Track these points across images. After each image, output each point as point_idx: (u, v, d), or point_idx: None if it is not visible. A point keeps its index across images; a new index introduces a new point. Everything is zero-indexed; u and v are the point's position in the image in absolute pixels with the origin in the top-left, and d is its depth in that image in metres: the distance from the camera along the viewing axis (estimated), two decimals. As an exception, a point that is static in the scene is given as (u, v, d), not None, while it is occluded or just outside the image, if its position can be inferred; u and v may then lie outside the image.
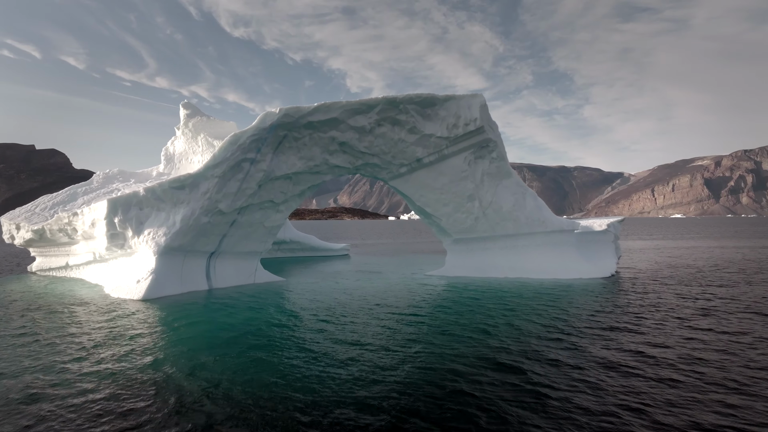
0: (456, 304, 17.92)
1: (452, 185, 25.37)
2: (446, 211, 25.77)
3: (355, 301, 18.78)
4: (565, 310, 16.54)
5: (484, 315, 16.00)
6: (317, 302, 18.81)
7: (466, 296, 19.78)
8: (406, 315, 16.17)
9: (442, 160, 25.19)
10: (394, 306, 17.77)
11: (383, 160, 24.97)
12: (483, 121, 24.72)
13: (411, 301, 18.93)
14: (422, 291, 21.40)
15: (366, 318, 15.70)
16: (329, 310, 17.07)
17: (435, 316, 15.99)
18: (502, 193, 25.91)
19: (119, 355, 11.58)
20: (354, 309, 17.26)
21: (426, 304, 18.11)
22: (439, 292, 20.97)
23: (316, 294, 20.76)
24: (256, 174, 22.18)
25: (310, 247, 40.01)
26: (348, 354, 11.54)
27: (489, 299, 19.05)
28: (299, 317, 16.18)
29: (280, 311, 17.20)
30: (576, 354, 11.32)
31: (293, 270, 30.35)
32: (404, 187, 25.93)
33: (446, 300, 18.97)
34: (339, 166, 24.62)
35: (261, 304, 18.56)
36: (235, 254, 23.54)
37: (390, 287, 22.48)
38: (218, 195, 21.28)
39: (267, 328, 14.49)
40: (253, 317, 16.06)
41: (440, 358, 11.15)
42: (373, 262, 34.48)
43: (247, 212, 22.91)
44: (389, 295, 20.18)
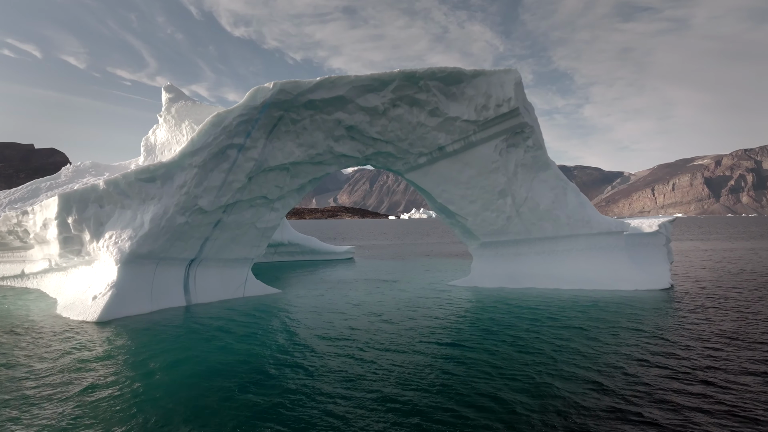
0: (491, 327, 13.86)
1: (480, 178, 21.31)
2: (473, 210, 21.70)
3: (370, 324, 14.72)
4: (626, 338, 12.64)
5: (530, 343, 11.92)
6: (323, 324, 14.76)
7: (501, 315, 15.73)
8: (434, 344, 12.12)
9: (469, 148, 21.13)
10: (417, 330, 13.72)
11: (398, 148, 20.89)
12: (518, 101, 20.67)
13: (437, 322, 14.88)
14: (448, 307, 17.33)
15: (387, 350, 11.66)
16: (338, 337, 13.02)
17: (471, 346, 11.93)
18: (539, 187, 21.85)
19: (42, 418, 7.51)
20: (370, 335, 13.21)
21: (456, 328, 14.06)
22: (468, 309, 16.91)
23: (320, 311, 16.70)
24: (246, 164, 18.10)
25: (311, 250, 35.95)
26: (370, 406, 7.53)
27: (529, 319, 15.06)
28: (301, 344, 12.16)
29: (276, 337, 13.17)
30: (668, 411, 7.27)
31: (292, 278, 26.26)
32: (423, 181, 21.86)
33: (479, 320, 14.92)
34: (346, 155, 20.54)
35: (252, 326, 14.50)
36: (220, 262, 19.45)
37: (409, 302, 18.41)
38: (198, 189, 17.20)
39: (260, 364, 10.50)
40: (242, 348, 12.03)
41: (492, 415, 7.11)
42: (383, 268, 30.41)
43: (234, 210, 18.83)
44: (409, 314, 16.11)
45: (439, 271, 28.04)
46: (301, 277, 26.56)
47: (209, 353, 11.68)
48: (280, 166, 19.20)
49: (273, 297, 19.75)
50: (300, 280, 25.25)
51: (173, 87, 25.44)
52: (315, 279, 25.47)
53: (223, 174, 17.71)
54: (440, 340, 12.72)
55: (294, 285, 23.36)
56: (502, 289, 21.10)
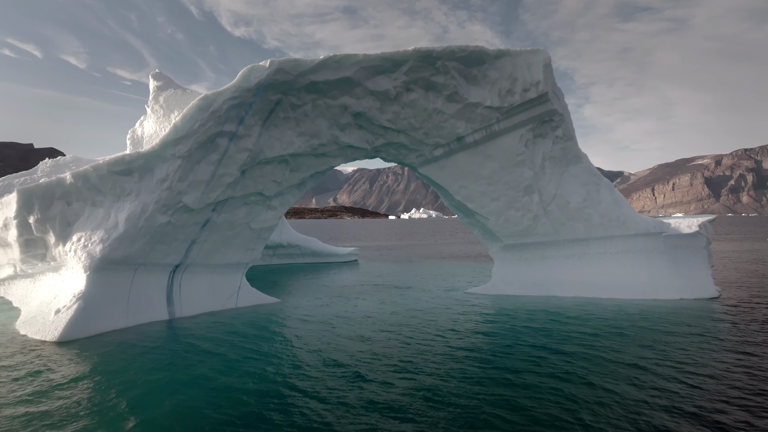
0: (519, 345, 11.46)
1: (504, 173, 18.92)
2: (495, 208, 19.30)
3: (385, 343, 12.32)
4: (685, 362, 10.24)
5: (568, 367, 9.52)
6: (329, 342, 12.37)
7: (528, 330, 13.33)
8: (459, 370, 9.69)
9: (491, 138, 18.73)
10: (440, 353, 11.29)
11: (412, 138, 18.48)
12: (547, 85, 18.29)
13: (460, 340, 12.47)
14: (470, 321, 14.93)
15: (408, 378, 9.24)
16: (349, 362, 10.61)
17: (498, 369, 9.51)
18: (570, 183, 19.46)
19: None
20: (386, 358, 10.80)
21: (481, 347, 11.66)
22: (492, 322, 14.52)
23: (325, 326, 14.30)
24: (238, 155, 15.69)
25: (312, 252, 33.53)
26: None
27: (562, 336, 12.68)
28: (304, 370, 9.76)
29: (274, 361, 10.77)
30: None
31: (291, 284, 23.84)
32: (439, 176, 19.45)
33: (505, 336, 12.52)
34: (352, 146, 18.13)
35: (246, 346, 12.09)
36: (209, 268, 17.03)
37: (426, 315, 16.00)
38: (182, 184, 14.79)
39: (255, 399, 8.06)
40: (232, 379, 9.59)
41: None
42: (390, 272, 27.99)
43: (225, 209, 16.42)
44: (429, 330, 13.70)
45: (454, 275, 25.62)
46: (301, 282, 24.15)
47: (192, 385, 9.27)
48: (278, 158, 16.78)
49: (270, 308, 17.33)
50: (300, 286, 22.83)
51: (162, 74, 22.95)
52: (317, 285, 23.06)
53: (211, 166, 15.30)
54: (466, 363, 10.33)
55: (294, 292, 20.95)
56: (528, 298, 18.70)
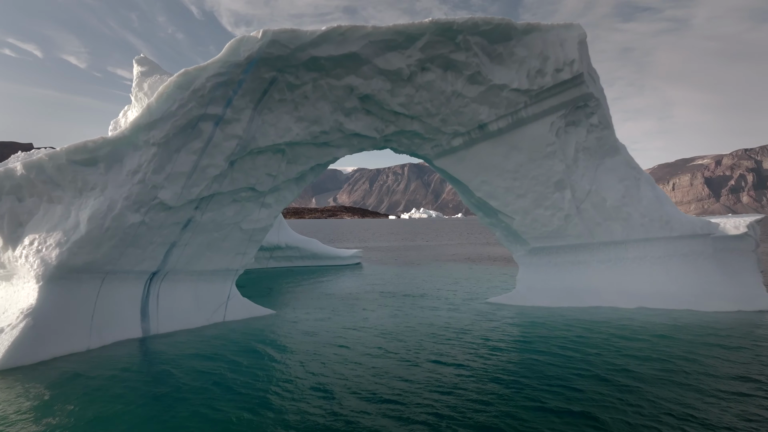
0: (553, 368, 9.05)
1: (532, 166, 16.56)
2: (521, 206, 16.93)
3: (403, 368, 9.94)
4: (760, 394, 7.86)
5: (616, 396, 7.15)
6: (336, 367, 9.99)
7: (561, 348, 10.94)
8: (492, 404, 7.31)
9: (518, 126, 16.38)
10: (468, 383, 8.91)
11: (427, 126, 16.11)
12: (582, 65, 15.94)
13: (490, 365, 10.08)
14: (498, 337, 12.56)
15: (436, 413, 6.87)
16: (362, 396, 8.21)
17: (546, 414, 7.14)
18: (606, 177, 17.11)
19: None
20: (409, 392, 8.42)
21: (518, 371, 9.25)
22: (525, 341, 12.14)
23: (329, 346, 11.93)
24: (225, 143, 13.31)
25: (312, 254, 31.15)
26: None
27: (603, 356, 10.30)
28: (309, 406, 7.35)
29: (270, 397, 8.37)
30: None
31: (289, 291, 21.44)
32: (457, 170, 17.07)
33: (542, 361, 10.12)
34: (359, 134, 15.75)
35: (235, 373, 9.71)
36: (192, 275, 14.64)
37: (444, 329, 13.61)
38: (158, 176, 12.41)
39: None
40: (218, 423, 7.22)
41: None
42: (398, 277, 25.59)
43: (211, 206, 14.04)
44: (451, 351, 11.32)
45: (470, 281, 23.21)
46: (300, 289, 21.75)
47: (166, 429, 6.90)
48: (273, 148, 14.40)
49: (264, 322, 14.94)
50: (299, 293, 20.43)
51: (146, 59, 20.49)
52: (318, 292, 20.66)
53: (193, 156, 12.91)
54: (497, 393, 7.94)
55: (292, 301, 18.55)
56: (559, 310, 16.32)
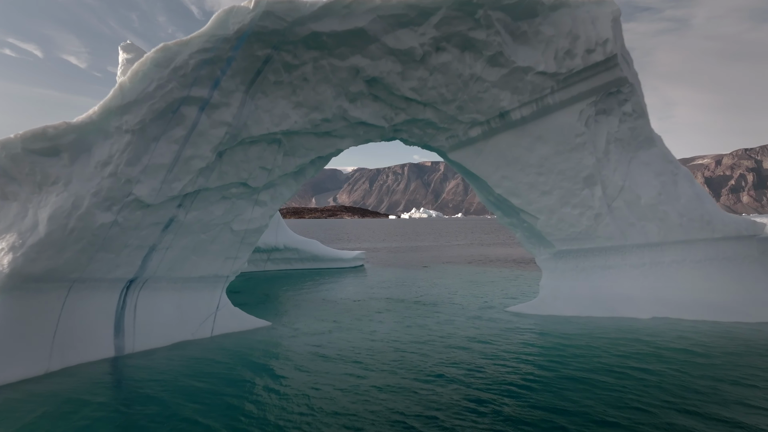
0: (585, 393, 7.24)
1: (558, 159, 14.81)
2: (546, 204, 15.16)
3: (425, 393, 8.13)
4: None
5: None
6: (345, 393, 8.18)
7: (594, 368, 9.13)
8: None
9: (544, 115, 14.63)
10: (501, 409, 7.13)
11: (442, 114, 14.34)
12: (616, 45, 14.19)
13: (524, 390, 8.27)
14: (525, 354, 10.77)
15: None
16: (374, 424, 6.44)
17: None
18: (640, 172, 15.35)
19: None
20: (429, 415, 6.65)
21: (554, 401, 7.45)
22: (556, 359, 10.34)
23: (335, 364, 10.15)
24: (213, 131, 11.53)
25: (313, 256, 29.37)
26: None
27: (652, 378, 8.45)
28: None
29: (267, 419, 6.62)
30: None
31: (287, 298, 19.66)
32: (474, 163, 15.29)
33: (578, 385, 8.32)
34: (365, 123, 13.97)
35: (222, 400, 7.91)
36: (176, 283, 12.84)
37: (463, 345, 11.81)
38: (133, 169, 10.64)
39: None
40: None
41: None
42: (405, 281, 23.80)
43: (197, 204, 12.26)
44: (473, 368, 9.52)
45: (485, 286, 21.36)
46: (300, 295, 19.96)
47: None
48: (268, 137, 12.62)
49: (258, 336, 13.14)
50: (299, 300, 18.64)
51: (133, 45, 18.68)
52: (320, 299, 18.87)
53: (175, 146, 11.13)
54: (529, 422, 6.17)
55: (290, 310, 16.76)
56: (589, 321, 14.54)
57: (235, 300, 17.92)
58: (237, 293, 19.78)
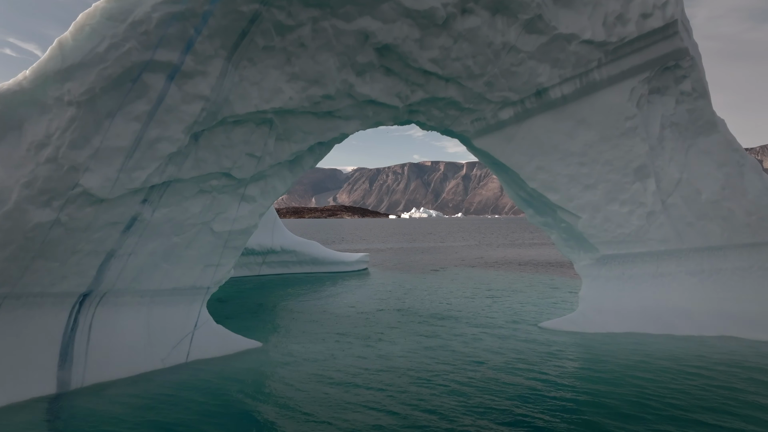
0: None
1: (605, 147, 12.43)
2: (589, 200, 12.77)
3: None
4: None
5: None
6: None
7: (648, 400, 6.79)
8: None
9: (588, 93, 12.24)
10: None
11: (468, 91, 11.94)
12: (677, 10, 11.82)
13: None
14: (568, 382, 8.37)
15: None
16: None
17: None
18: (700, 163, 12.96)
19: None
20: None
21: None
22: (606, 391, 7.95)
23: (340, 400, 7.76)
24: (185, 106, 9.11)
25: (312, 259, 26.97)
26: None
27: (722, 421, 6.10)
28: None
29: None
30: None
31: (283, 308, 17.25)
32: (504, 151, 12.89)
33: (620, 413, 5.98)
34: (375, 102, 11.56)
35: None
36: (142, 297, 10.42)
37: (495, 374, 9.41)
38: (79, 153, 8.24)
39: None
40: None
41: None
42: (415, 288, 21.40)
43: (167, 199, 9.85)
44: (508, 401, 7.14)
45: (508, 295, 18.86)
46: (298, 304, 17.55)
47: None
48: (256, 117, 10.22)
49: (245, 361, 10.73)
50: (296, 312, 16.23)
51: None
52: (319, 310, 16.46)
53: (135, 124, 8.72)
54: None
55: (285, 325, 14.36)
56: (641, 339, 12.16)
57: (222, 311, 15.55)
58: (224, 303, 17.38)
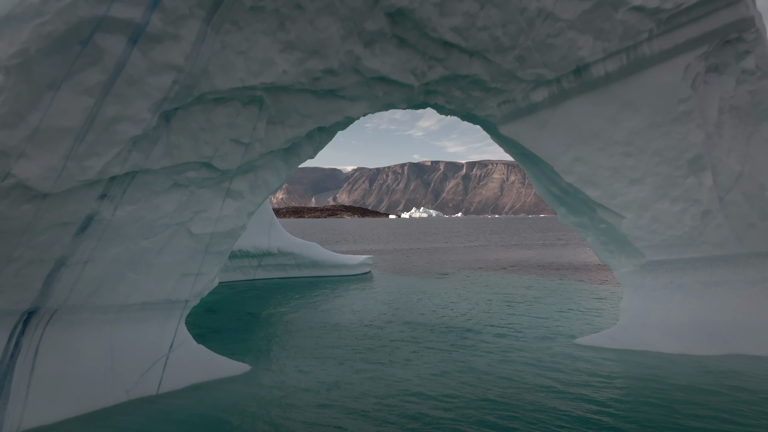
0: None
1: (654, 134, 10.60)
2: (636, 197, 10.93)
3: None
4: None
5: None
6: None
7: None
8: None
9: (636, 71, 10.41)
10: None
11: (495, 67, 10.10)
12: (742, -28, 9.98)
13: None
14: (627, 419, 6.57)
15: None
16: None
17: None
18: (765, 153, 11.12)
19: None
20: None
21: None
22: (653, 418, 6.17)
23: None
24: (152, 78, 7.27)
25: (312, 262, 25.13)
26: None
27: None
28: None
29: None
30: None
31: (277, 321, 15.42)
32: (536, 139, 11.05)
33: None
34: (386, 78, 9.71)
35: None
36: (103, 314, 8.57)
37: (534, 406, 7.58)
38: (9, 134, 6.40)
39: None
40: None
41: None
42: (425, 295, 19.55)
43: (132, 194, 8.00)
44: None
45: (532, 304, 16.87)
46: (294, 316, 15.71)
47: None
48: (243, 94, 8.37)
49: (227, 394, 8.89)
50: (292, 325, 14.40)
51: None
52: (319, 322, 14.63)
53: (87, 99, 6.87)
54: None
55: (279, 342, 12.53)
56: (698, 361, 10.34)
57: (209, 323, 13.73)
58: (213, 313, 15.56)
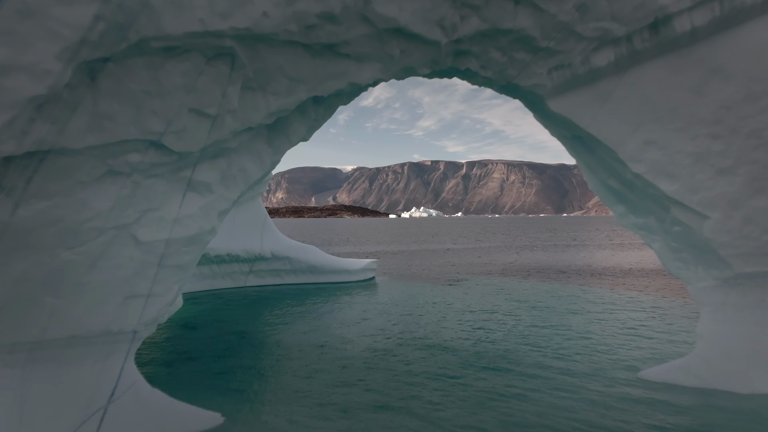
0: None
1: (751, 109, 8.13)
2: (724, 192, 8.46)
3: None
4: None
5: None
6: None
7: None
8: None
9: (729, 27, 7.94)
10: None
11: (547, 20, 7.62)
12: None
13: None
14: None
15: None
16: None
17: None
18: None
19: None
20: None
21: None
22: None
23: None
24: (63, 11, 4.83)
25: (310, 267, 22.67)
26: None
27: None
28: None
29: None
30: None
31: (266, 342, 12.93)
32: (596, 117, 8.58)
33: None
34: (404, 31, 7.22)
35: None
36: (12, 353, 6.15)
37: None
38: None
39: None
40: None
41: None
42: (435, 307, 17.08)
43: (40, 186, 5.55)
44: None
45: (571, 321, 14.11)
46: (288, 336, 13.23)
47: None
48: (205, 42, 5.91)
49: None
50: (283, 351, 11.91)
51: None
52: (316, 344, 12.15)
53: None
54: None
55: (266, 376, 10.06)
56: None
57: (181, 347, 11.27)
58: (190, 331, 13.10)
